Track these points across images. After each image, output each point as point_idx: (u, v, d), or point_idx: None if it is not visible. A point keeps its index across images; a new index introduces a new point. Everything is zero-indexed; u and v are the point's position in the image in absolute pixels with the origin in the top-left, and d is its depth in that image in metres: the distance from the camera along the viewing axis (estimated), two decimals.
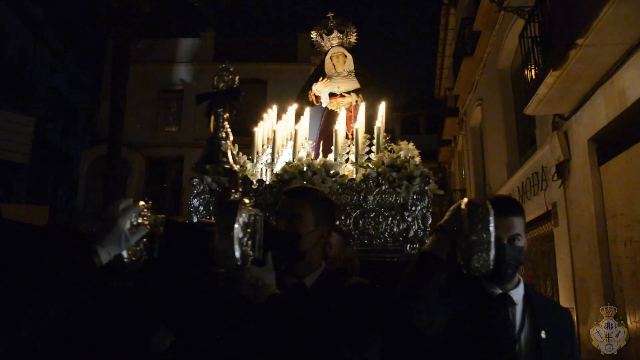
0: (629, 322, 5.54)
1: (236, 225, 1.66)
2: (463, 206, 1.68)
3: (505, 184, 10.94)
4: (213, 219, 2.22)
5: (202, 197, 4.45)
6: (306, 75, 10.14)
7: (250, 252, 1.72)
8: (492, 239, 1.58)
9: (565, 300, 7.41)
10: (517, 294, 1.93)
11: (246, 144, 5.38)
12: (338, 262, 2.94)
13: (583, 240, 6.70)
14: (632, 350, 5.28)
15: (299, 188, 2.20)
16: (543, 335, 1.86)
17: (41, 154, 18.95)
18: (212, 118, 1.96)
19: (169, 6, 16.32)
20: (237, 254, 1.64)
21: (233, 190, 1.89)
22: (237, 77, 2.00)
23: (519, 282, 1.97)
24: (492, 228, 1.60)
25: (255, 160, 5.17)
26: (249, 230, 1.72)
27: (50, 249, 1.99)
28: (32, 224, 2.24)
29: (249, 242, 1.72)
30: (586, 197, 6.54)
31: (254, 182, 4.72)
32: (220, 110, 1.96)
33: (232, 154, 1.97)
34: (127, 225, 1.69)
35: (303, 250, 1.93)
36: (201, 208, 4.46)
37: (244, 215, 1.70)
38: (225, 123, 1.97)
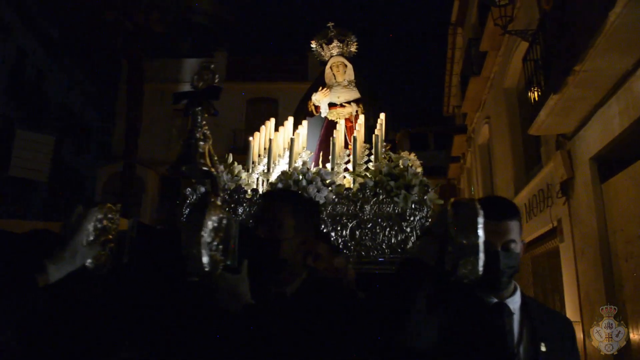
0: (631, 335, 5.71)
1: (204, 228, 1.54)
2: (449, 207, 1.53)
3: (512, 201, 11.12)
4: None
5: None
6: None
7: (222, 258, 1.60)
8: (481, 242, 1.44)
9: (571, 314, 7.56)
10: (514, 302, 1.78)
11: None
12: (328, 273, 2.82)
13: (587, 256, 6.89)
14: None
15: (278, 191, 2.12)
16: (543, 348, 1.70)
17: (56, 171, 19.35)
18: (190, 118, 1.99)
19: (182, 27, 16.70)
20: (205, 259, 1.53)
21: (213, 196, 1.72)
22: (217, 76, 1.81)
23: (515, 290, 1.80)
24: (480, 230, 1.45)
25: (250, 170, 5.08)
26: (220, 234, 1.60)
27: (18, 256, 1.89)
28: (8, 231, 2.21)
29: (220, 247, 1.60)
30: (589, 213, 6.75)
31: (248, 192, 4.61)
32: (198, 109, 1.82)
33: (212, 156, 1.82)
34: (84, 239, 1.59)
35: (283, 258, 1.80)
36: None
37: (213, 218, 1.59)
38: (204, 123, 1.80)
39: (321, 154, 5.58)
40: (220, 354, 1.73)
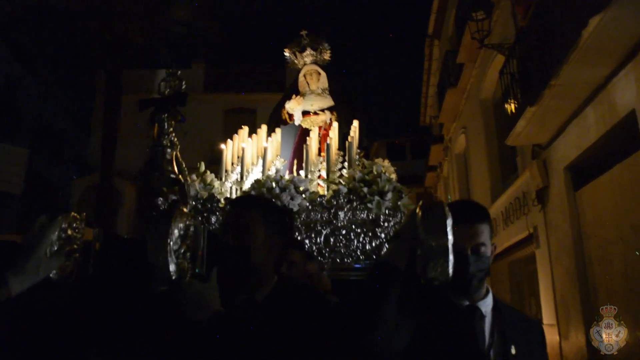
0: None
1: (170, 236, 1.52)
2: (418, 210, 1.52)
3: (489, 209, 11.37)
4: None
5: None
6: None
7: (189, 266, 1.58)
8: (450, 244, 1.43)
9: (547, 318, 7.81)
10: (486, 305, 1.77)
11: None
12: (302, 280, 2.83)
13: (562, 261, 7.15)
14: None
15: (246, 197, 2.05)
16: (513, 351, 1.70)
17: (30, 183, 19.04)
18: (156, 125, 1.76)
19: (161, 38, 16.64)
20: (172, 267, 1.50)
21: (181, 203, 1.70)
22: (183, 82, 1.67)
23: (487, 293, 1.80)
24: (449, 232, 1.44)
25: (223, 179, 5.05)
26: (187, 242, 1.58)
27: None
28: None
29: (187, 255, 1.58)
30: (564, 220, 7.01)
31: (221, 201, 4.54)
32: (164, 116, 1.76)
33: (179, 163, 1.78)
34: (48, 250, 1.52)
35: (252, 265, 1.76)
36: None
37: (180, 225, 1.57)
38: (171, 130, 1.72)
39: (295, 161, 5.60)
40: None
